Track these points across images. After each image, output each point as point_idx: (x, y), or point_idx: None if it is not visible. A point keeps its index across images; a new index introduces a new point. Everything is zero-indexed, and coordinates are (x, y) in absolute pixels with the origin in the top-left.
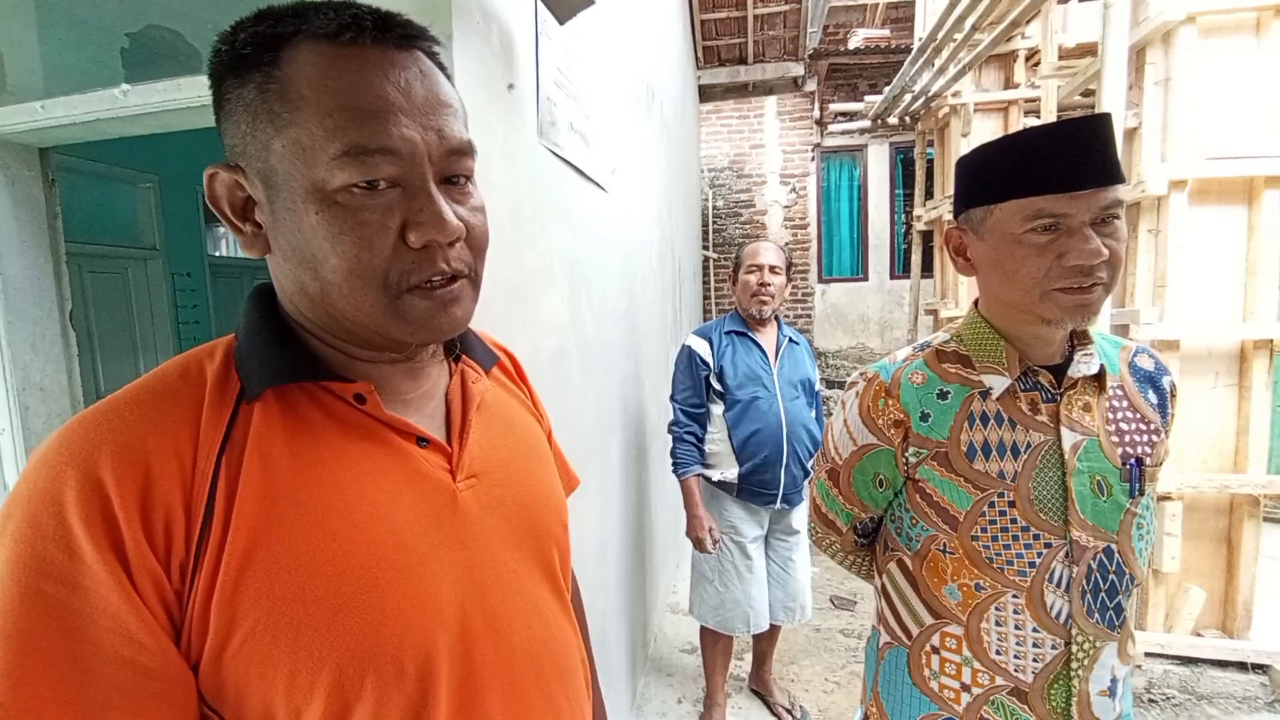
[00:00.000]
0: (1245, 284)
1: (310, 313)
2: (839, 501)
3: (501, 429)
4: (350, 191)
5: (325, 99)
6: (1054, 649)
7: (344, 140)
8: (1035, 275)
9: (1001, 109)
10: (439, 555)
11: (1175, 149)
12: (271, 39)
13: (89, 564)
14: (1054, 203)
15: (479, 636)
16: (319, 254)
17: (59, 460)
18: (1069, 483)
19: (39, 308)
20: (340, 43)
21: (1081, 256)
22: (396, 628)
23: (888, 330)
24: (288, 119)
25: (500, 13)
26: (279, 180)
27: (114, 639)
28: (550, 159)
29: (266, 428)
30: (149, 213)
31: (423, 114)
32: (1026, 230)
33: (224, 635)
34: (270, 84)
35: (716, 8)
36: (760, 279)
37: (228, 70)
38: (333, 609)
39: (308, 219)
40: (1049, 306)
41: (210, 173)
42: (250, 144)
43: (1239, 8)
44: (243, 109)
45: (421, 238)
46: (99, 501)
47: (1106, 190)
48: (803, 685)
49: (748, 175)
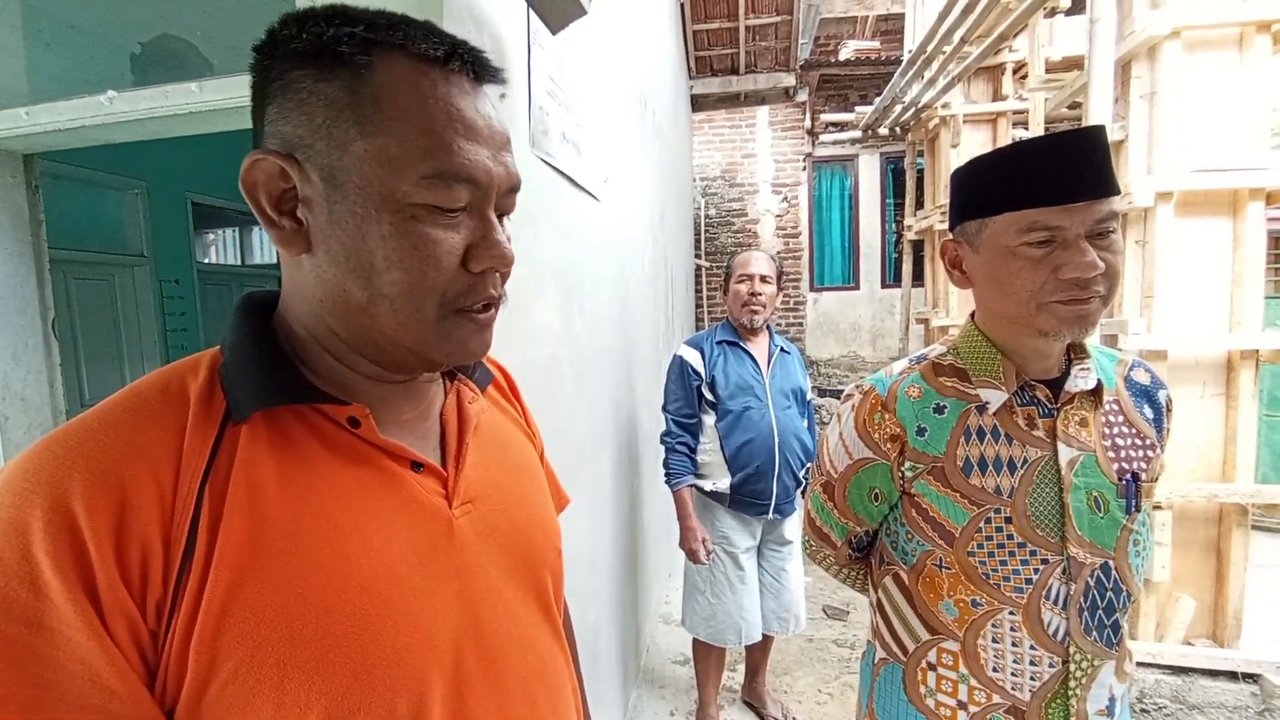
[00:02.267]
0: (1231, 294)
1: (335, 324)
2: (833, 515)
3: (496, 451)
4: (429, 210)
5: (423, 119)
6: (1051, 667)
7: (435, 163)
8: (1031, 288)
9: (990, 120)
10: (434, 587)
11: (1161, 161)
12: (370, 43)
13: (56, 603)
14: (1048, 215)
15: (472, 671)
16: (379, 264)
17: (25, 488)
18: (1066, 499)
19: (21, 316)
20: (447, 69)
21: (1077, 269)
22: (390, 668)
23: (879, 339)
24: (379, 125)
25: (492, 22)
26: (350, 182)
27: (82, 685)
28: (542, 168)
29: (254, 452)
30: (136, 219)
31: (498, 148)
32: (1021, 243)
33: (203, 679)
34: (363, 87)
35: (709, 18)
36: (751, 288)
37: (304, 60)
38: (322, 650)
39: (379, 228)
40: (1046, 319)
41: (256, 158)
42: (321, 139)
43: (1222, 23)
44: (322, 103)
45: (482, 265)
46: (69, 534)
47: (1101, 203)
48: (796, 696)
49: (740, 184)
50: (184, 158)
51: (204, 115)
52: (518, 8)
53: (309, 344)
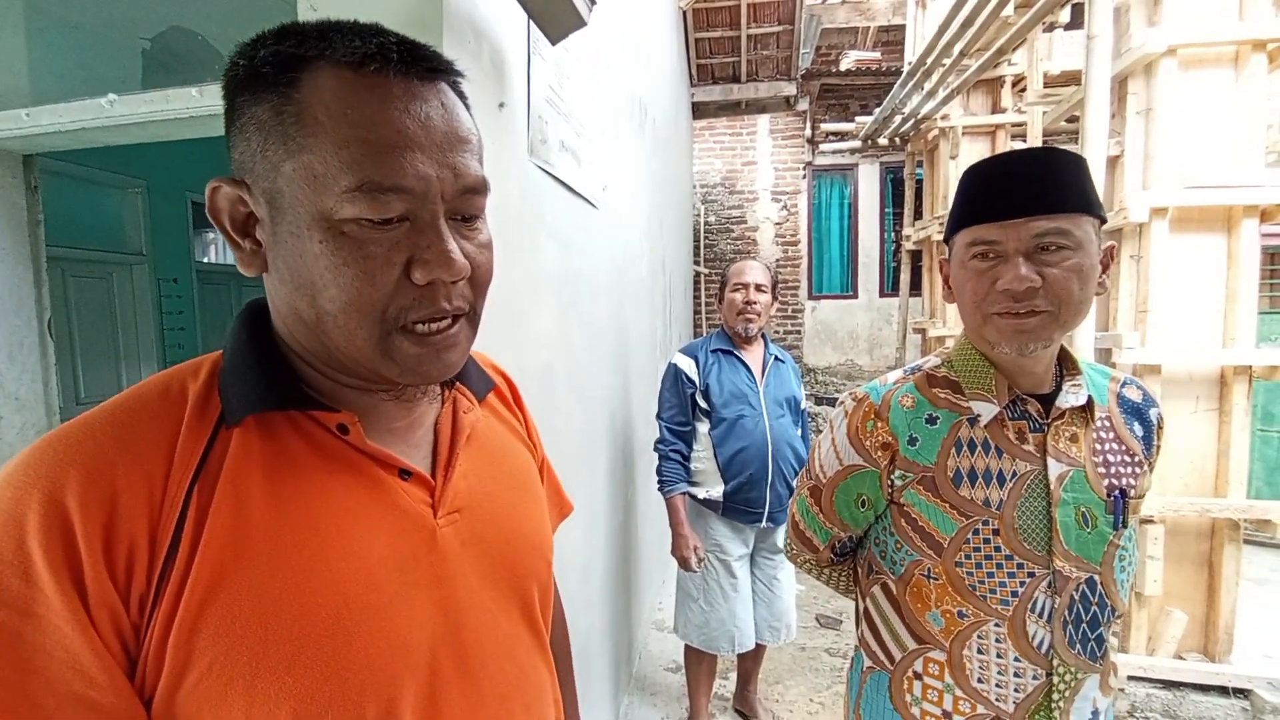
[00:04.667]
0: (1225, 310)
1: (303, 338)
2: (819, 519)
3: (490, 461)
4: (359, 223)
5: (343, 129)
6: (1035, 679)
7: (358, 175)
8: (975, 299)
9: (989, 132)
10: (412, 595)
11: (1156, 177)
12: (292, 59)
13: (46, 593)
14: (987, 231)
15: (447, 680)
16: (318, 282)
17: (24, 481)
18: (1054, 513)
19: (17, 316)
20: (364, 72)
21: (1008, 282)
22: (360, 672)
23: (876, 348)
24: (301, 144)
25: (492, 32)
26: (285, 203)
27: (66, 672)
28: (540, 176)
29: (244, 456)
30: (136, 218)
31: (440, 150)
32: (971, 257)
33: (179, 673)
34: (287, 105)
35: (710, 27)
36: (746, 297)
37: (243, 85)
38: (294, 651)
39: (311, 246)
40: (990, 330)
41: (214, 186)
42: (259, 162)
43: (1218, 41)
44: (255, 126)
45: (427, 275)
46: (61, 528)
47: (1040, 219)
48: (787, 705)
49: (740, 191)
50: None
51: (203, 120)
52: (518, 19)
53: (294, 355)
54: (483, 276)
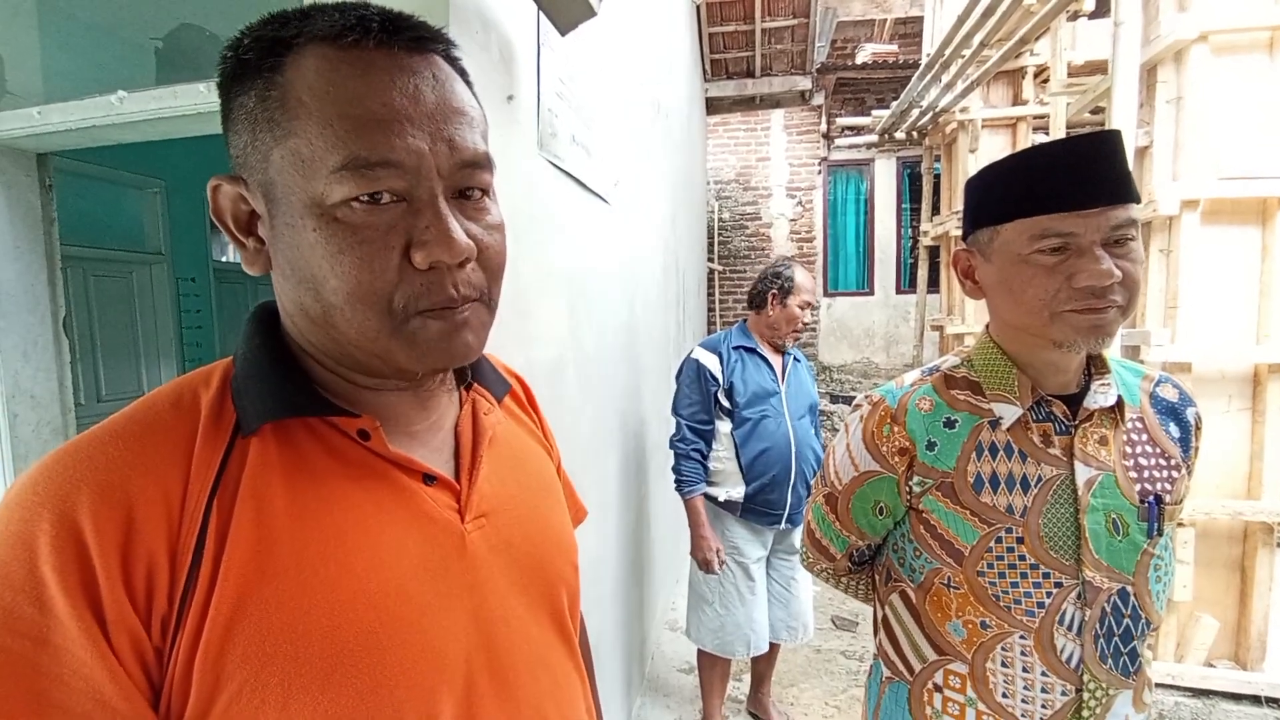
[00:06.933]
0: (1259, 306)
1: (313, 336)
2: (835, 528)
3: (512, 464)
4: (350, 206)
5: (326, 107)
6: (1064, 695)
7: (344, 152)
8: (1043, 297)
9: (1010, 125)
10: (445, 604)
11: (1187, 168)
12: (275, 43)
13: (61, 619)
14: (1061, 221)
15: (483, 692)
16: (319, 273)
17: (34, 501)
18: (1082, 520)
19: (32, 314)
20: (343, 45)
21: (1092, 277)
22: (397, 689)
23: (893, 345)
24: (287, 128)
25: (500, 23)
26: (278, 193)
27: (85, 703)
28: (550, 170)
29: (263, 466)
30: (154, 217)
31: (432, 122)
32: (1033, 250)
33: (207, 698)
34: (271, 91)
35: (725, 21)
36: (807, 315)
37: (233, 77)
38: (327, 668)
39: (306, 235)
40: (1060, 329)
41: (214, 185)
42: (251, 155)
43: (1252, 27)
44: (244, 117)
45: (427, 258)
46: (75, 550)
47: (1118, 209)
48: (802, 709)
49: (754, 188)
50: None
51: (212, 115)
52: (527, 9)
53: (308, 356)
54: (494, 260)
